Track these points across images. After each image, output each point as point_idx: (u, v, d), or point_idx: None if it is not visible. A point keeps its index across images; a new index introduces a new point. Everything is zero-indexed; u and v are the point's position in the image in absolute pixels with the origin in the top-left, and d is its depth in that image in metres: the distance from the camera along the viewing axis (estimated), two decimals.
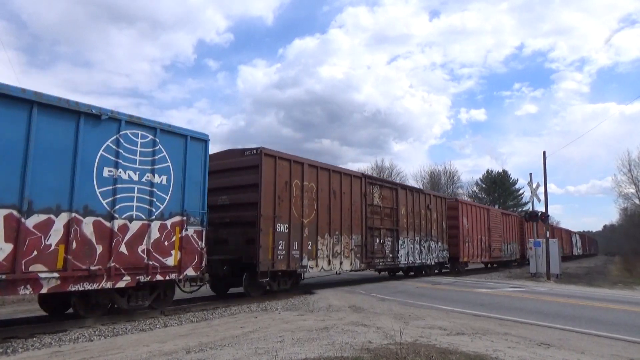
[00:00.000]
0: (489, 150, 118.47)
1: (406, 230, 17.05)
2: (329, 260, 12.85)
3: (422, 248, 18.07)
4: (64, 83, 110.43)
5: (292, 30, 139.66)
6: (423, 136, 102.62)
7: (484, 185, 68.22)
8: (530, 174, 36.89)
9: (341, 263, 13.36)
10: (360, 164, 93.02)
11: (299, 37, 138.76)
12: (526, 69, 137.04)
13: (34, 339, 6.64)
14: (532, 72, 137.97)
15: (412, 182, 53.29)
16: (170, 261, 8.60)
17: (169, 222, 8.64)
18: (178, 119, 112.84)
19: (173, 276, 8.68)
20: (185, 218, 8.92)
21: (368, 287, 14.58)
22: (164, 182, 8.65)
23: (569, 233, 50.49)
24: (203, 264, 9.23)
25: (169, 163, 8.79)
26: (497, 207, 51.75)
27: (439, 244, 19.73)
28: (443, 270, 22.09)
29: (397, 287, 15.04)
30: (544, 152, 22.93)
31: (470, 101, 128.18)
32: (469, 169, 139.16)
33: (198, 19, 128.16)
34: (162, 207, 8.54)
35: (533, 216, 23.08)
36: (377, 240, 15.26)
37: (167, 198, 8.66)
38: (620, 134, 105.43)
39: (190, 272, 8.98)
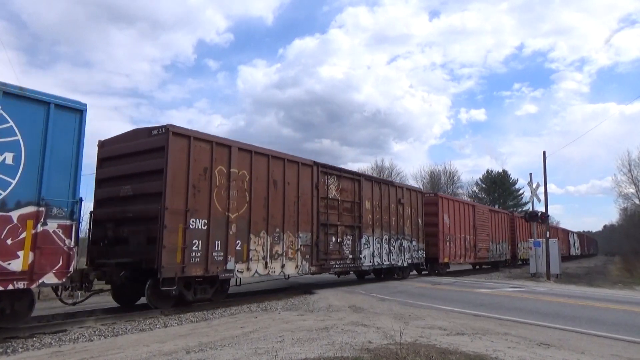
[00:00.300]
0: (489, 150, 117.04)
1: (371, 228, 14.92)
2: (266, 263, 10.73)
3: (391, 248, 15.91)
4: (64, 83, 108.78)
5: (292, 30, 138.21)
6: (423, 136, 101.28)
7: (484, 185, 67.74)
8: (530, 174, 35.58)
9: (283, 266, 11.24)
10: (360, 164, 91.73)
11: (299, 37, 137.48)
12: (526, 69, 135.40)
13: (34, 339, 6.56)
14: (532, 72, 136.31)
15: (412, 182, 51.43)
16: (16, 265, 6.52)
17: (15, 214, 6.57)
18: (178, 118, 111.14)
19: (20, 285, 6.59)
20: (43, 209, 6.85)
21: (368, 287, 14.26)
22: (9, 161, 6.60)
23: (566, 232, 48.95)
24: (71, 268, 7.15)
25: (19, 137, 6.74)
26: (497, 207, 49.83)
27: (414, 243, 17.56)
28: (423, 273, 20.09)
29: (397, 287, 14.69)
30: (544, 152, 22.66)
31: (470, 101, 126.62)
32: (469, 169, 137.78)
33: (198, 19, 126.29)
34: (4, 194, 6.48)
35: (533, 216, 22.79)
36: (334, 239, 13.16)
37: (14, 182, 6.62)
38: (620, 134, 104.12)
39: (50, 279, 6.90)
